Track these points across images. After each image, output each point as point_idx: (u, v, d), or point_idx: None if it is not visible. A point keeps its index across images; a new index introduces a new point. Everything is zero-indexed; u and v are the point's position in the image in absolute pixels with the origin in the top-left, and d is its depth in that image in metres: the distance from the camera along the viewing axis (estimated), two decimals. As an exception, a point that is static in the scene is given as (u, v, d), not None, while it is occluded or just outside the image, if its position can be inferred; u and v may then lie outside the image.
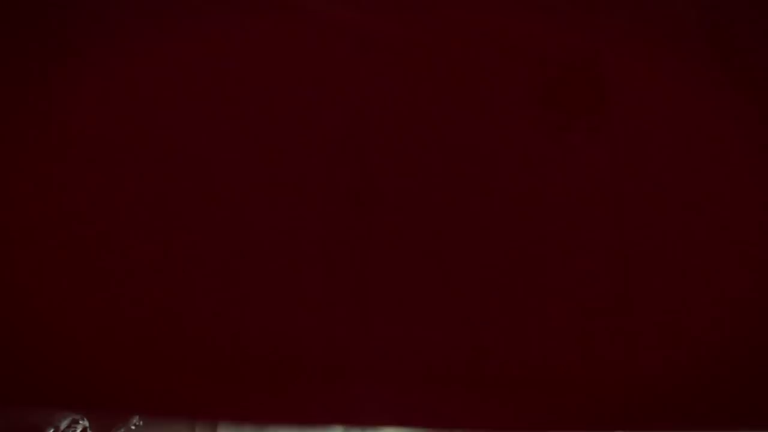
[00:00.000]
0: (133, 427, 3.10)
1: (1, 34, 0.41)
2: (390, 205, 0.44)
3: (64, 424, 2.62)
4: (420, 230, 0.45)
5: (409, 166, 0.45)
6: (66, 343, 0.44)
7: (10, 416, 2.54)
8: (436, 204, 0.46)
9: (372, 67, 0.47)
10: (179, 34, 0.44)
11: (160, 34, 0.44)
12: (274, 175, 0.44)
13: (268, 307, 0.41)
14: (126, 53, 0.44)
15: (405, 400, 0.41)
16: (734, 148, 0.51)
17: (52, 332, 0.44)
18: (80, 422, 2.79)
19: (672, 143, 0.50)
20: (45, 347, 0.44)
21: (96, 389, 0.43)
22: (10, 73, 0.40)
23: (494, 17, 0.49)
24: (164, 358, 0.40)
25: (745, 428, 0.45)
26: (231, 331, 0.40)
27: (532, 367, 0.43)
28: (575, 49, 0.50)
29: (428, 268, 0.44)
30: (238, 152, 0.44)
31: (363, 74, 0.47)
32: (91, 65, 0.44)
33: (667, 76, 0.51)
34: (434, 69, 0.49)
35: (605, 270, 0.45)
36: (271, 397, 0.39)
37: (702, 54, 0.52)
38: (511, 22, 0.49)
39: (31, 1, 0.41)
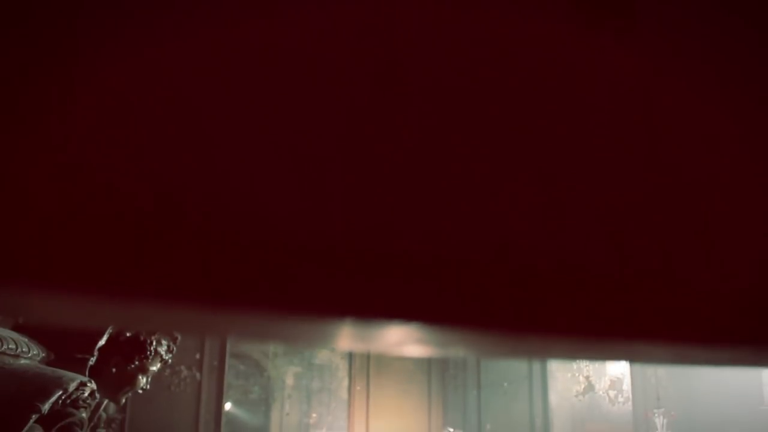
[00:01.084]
0: (140, 391, 1.69)
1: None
2: (414, 92, 0.39)
3: (72, 387, 1.86)
4: (445, 120, 0.40)
5: (434, 55, 0.40)
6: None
7: (20, 378, 1.87)
8: (461, 95, 0.41)
9: None
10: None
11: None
12: (297, 60, 0.37)
13: (280, 191, 0.34)
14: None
15: (424, 294, 0.36)
16: None
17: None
18: (88, 385, 1.89)
19: (703, 45, 0.47)
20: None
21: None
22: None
23: None
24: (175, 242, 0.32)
25: None
26: (249, 216, 0.33)
27: (561, 266, 0.40)
28: None
29: (454, 158, 0.39)
30: (260, 35, 0.37)
31: None
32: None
33: None
34: None
35: (634, 170, 0.43)
36: (280, 287, 0.33)
37: None
38: None
39: None
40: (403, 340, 0.37)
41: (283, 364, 10.30)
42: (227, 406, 9.03)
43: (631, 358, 0.47)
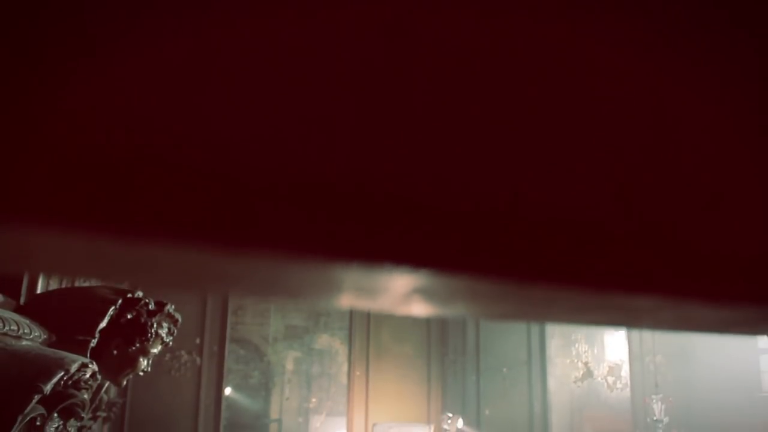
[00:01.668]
0: (141, 373, 1.69)
1: None
2: (429, 40, 0.39)
3: (74, 368, 1.87)
4: (458, 70, 0.39)
5: (451, 3, 0.40)
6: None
7: (22, 360, 1.88)
8: (475, 44, 0.40)
9: None
10: None
11: None
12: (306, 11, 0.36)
13: (287, 133, 0.34)
14: None
15: (433, 241, 0.36)
16: None
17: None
18: (90, 366, 1.90)
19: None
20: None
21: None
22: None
23: None
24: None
25: None
26: (255, 157, 0.32)
27: (568, 218, 0.40)
28: None
29: (467, 107, 0.39)
30: None
31: None
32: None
33: None
34: None
35: (644, 127, 0.43)
36: (287, 230, 0.32)
37: None
38: None
39: None
40: (409, 292, 0.37)
41: (282, 349, 10.35)
42: (227, 390, 9.13)
43: (635, 322, 0.47)
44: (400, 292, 0.37)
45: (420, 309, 0.40)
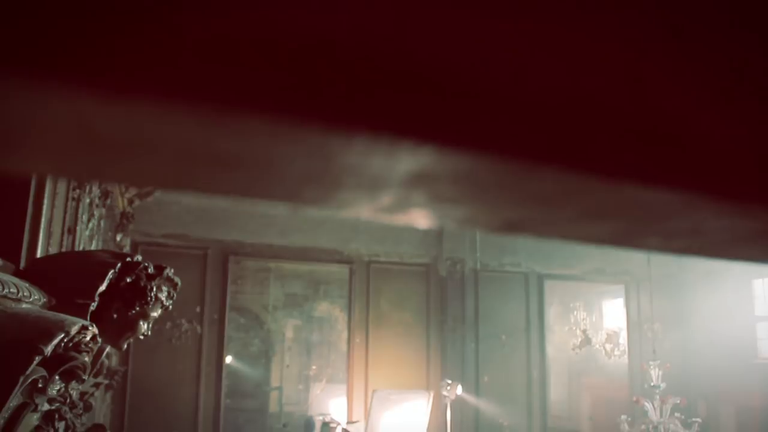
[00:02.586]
0: (141, 337, 1.67)
1: None
2: None
3: (74, 330, 1.87)
4: None
5: None
6: None
7: (23, 321, 1.87)
8: None
9: None
10: None
11: None
12: None
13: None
14: None
15: (438, 114, 0.34)
16: None
17: None
18: (90, 329, 1.89)
19: None
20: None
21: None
22: None
23: None
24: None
25: None
26: (248, 8, 0.31)
27: (577, 101, 0.38)
28: None
29: None
30: None
31: None
32: None
33: None
34: None
35: (655, 15, 0.41)
36: (287, 93, 0.31)
37: None
38: None
39: None
40: (410, 180, 0.36)
41: (282, 317, 10.42)
42: (228, 359, 9.27)
43: (643, 238, 0.45)
44: (401, 182, 0.36)
45: (421, 216, 0.39)
